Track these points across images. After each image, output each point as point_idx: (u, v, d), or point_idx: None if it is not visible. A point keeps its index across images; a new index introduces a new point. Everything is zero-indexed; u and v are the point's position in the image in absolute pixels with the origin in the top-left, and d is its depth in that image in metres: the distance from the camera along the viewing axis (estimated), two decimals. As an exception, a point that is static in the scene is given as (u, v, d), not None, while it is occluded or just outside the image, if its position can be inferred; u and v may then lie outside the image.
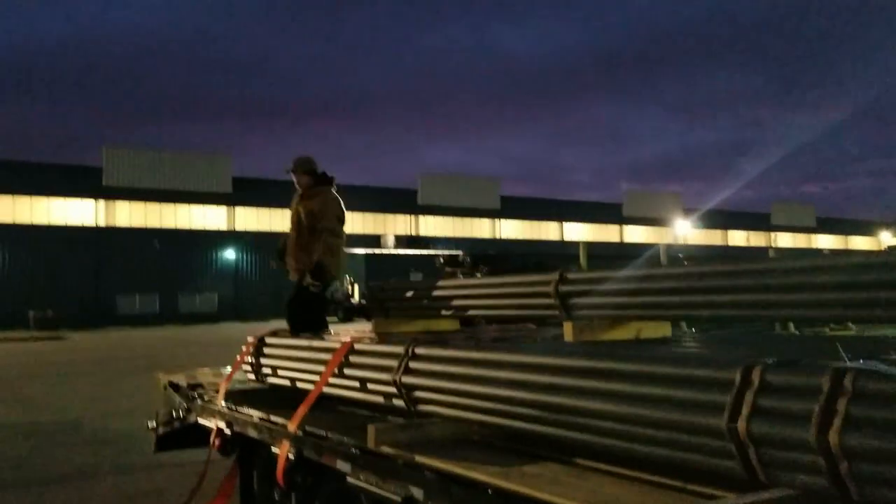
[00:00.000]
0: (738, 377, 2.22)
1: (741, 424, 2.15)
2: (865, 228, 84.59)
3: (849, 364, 2.05)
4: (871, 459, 1.88)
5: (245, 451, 5.11)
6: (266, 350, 5.34)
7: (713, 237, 76.15)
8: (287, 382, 4.97)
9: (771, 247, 76.66)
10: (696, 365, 2.42)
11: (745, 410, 2.16)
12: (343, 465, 3.63)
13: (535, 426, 2.96)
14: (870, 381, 1.93)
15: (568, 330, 3.94)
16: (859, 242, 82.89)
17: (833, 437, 1.93)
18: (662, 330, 4.14)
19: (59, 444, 9.45)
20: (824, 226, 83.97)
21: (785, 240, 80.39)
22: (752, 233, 79.20)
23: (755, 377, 2.18)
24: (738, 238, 78.40)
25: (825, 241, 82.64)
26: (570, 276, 4.08)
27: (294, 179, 6.88)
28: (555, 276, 4.13)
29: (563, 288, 4.04)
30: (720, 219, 75.81)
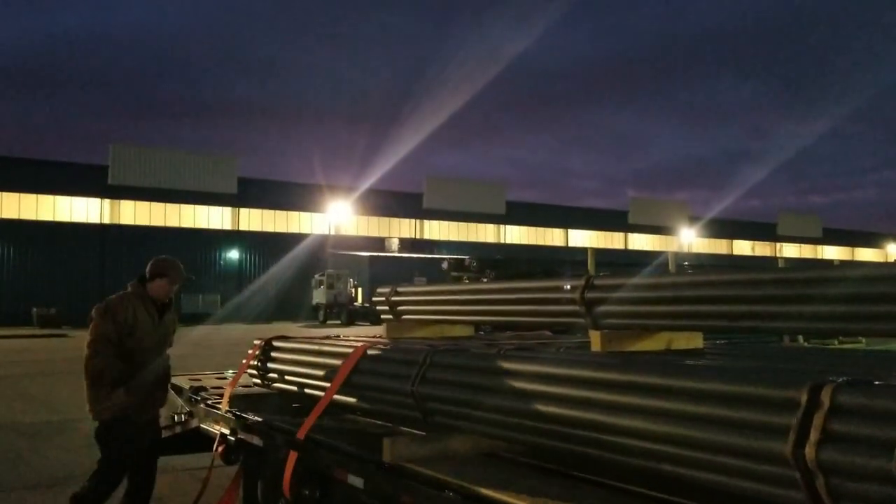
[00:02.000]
0: (804, 397, 2.00)
1: (809, 450, 1.93)
2: (872, 240, 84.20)
3: (936, 386, 1.83)
4: (968, 496, 1.66)
5: (250, 459, 4.89)
6: (273, 354, 5.13)
7: (718, 246, 75.85)
8: (295, 388, 4.76)
9: (779, 257, 76.32)
10: (755, 382, 2.20)
11: (813, 435, 1.94)
12: (355, 480, 3.41)
13: (567, 444, 2.74)
14: (965, 407, 1.71)
15: (595, 339, 3.71)
16: (866, 254, 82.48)
17: (922, 468, 1.71)
18: (694, 341, 3.92)
19: (56, 445, 9.25)
20: (831, 237, 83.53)
21: (791, 250, 80.00)
22: (757, 243, 78.83)
23: (825, 398, 1.96)
24: (743, 247, 78.05)
25: (831, 253, 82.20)
26: (598, 281, 3.86)
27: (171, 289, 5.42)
28: (581, 281, 3.91)
29: (590, 294, 3.81)
30: (726, 228, 75.50)
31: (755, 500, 2.15)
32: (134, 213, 53.08)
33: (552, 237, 68.50)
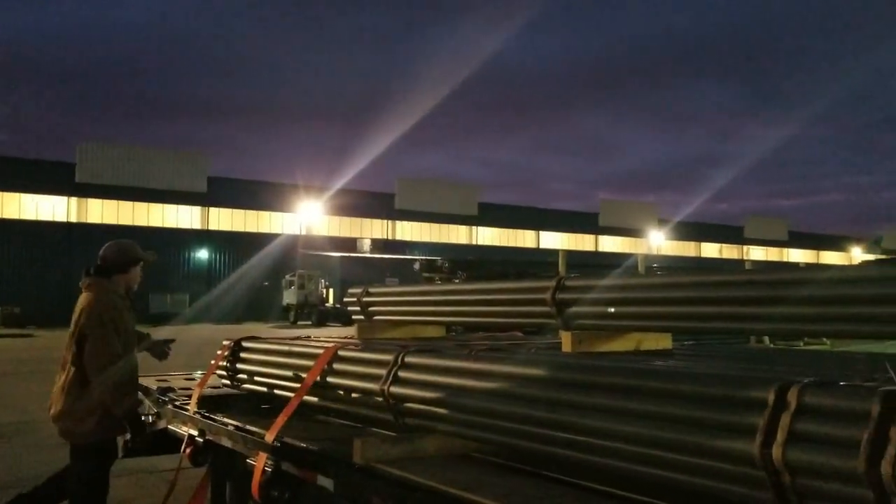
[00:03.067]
0: (771, 397, 2.02)
1: (776, 450, 1.95)
2: (837, 243, 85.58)
3: (899, 386, 1.86)
4: (930, 495, 1.68)
5: (218, 461, 4.84)
6: (243, 354, 5.07)
7: (686, 249, 76.64)
8: (265, 389, 4.72)
9: (746, 260, 77.27)
10: (722, 382, 2.22)
11: (780, 435, 1.96)
12: (325, 481, 3.39)
13: (539, 445, 2.75)
14: (928, 407, 1.74)
15: (566, 340, 3.73)
16: (831, 257, 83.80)
17: (886, 467, 1.73)
18: (663, 342, 3.95)
19: (18, 446, 9.08)
20: (797, 240, 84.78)
21: (757, 253, 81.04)
22: (725, 245, 79.75)
23: (792, 398, 1.99)
24: (711, 250, 78.92)
25: (797, 255, 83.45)
26: (569, 283, 3.87)
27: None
28: (552, 282, 3.92)
29: (561, 295, 3.83)
30: (694, 231, 76.36)
31: (723, 500, 2.17)
32: (101, 211, 52.37)
33: (524, 239, 68.77)
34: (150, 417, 5.67)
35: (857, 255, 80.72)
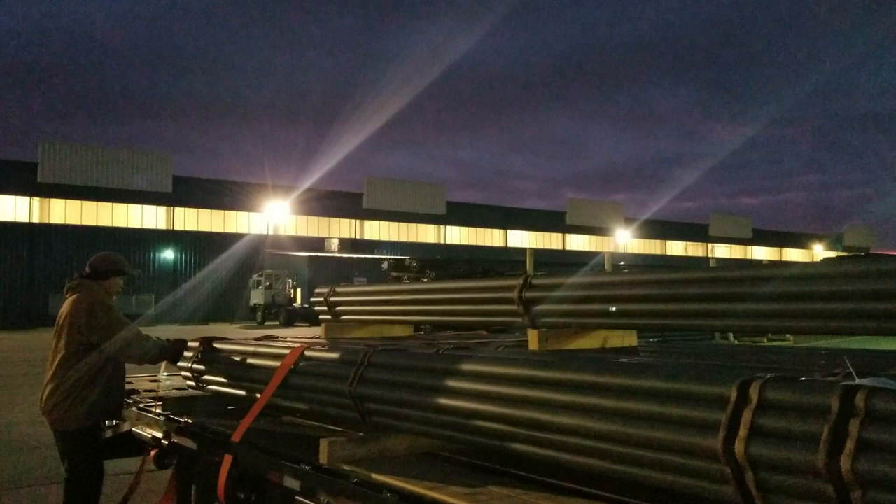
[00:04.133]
0: (733, 393, 2.05)
1: (738, 445, 1.98)
2: (800, 241, 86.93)
3: (858, 381, 1.89)
4: (887, 487, 1.71)
5: (184, 463, 4.78)
6: (208, 355, 5.02)
7: (652, 247, 77.32)
8: (231, 390, 4.67)
9: (710, 257, 78.20)
10: (686, 379, 2.24)
11: (742, 430, 1.98)
12: (292, 483, 3.36)
13: (505, 442, 2.75)
14: (885, 401, 1.77)
15: (533, 338, 3.74)
16: (794, 254, 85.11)
17: (845, 462, 1.76)
18: (629, 339, 3.98)
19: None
20: (760, 237, 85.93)
21: (722, 251, 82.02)
22: (690, 243, 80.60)
23: (753, 393, 2.01)
24: (676, 248, 79.72)
25: (761, 253, 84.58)
26: (535, 281, 3.88)
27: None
28: (519, 281, 3.93)
29: (528, 294, 3.84)
30: (659, 229, 77.04)
31: (688, 495, 2.19)
32: (64, 212, 51.44)
33: (492, 237, 68.86)
34: (114, 420, 5.58)
35: (819, 252, 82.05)
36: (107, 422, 5.61)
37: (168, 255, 54.03)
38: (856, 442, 1.76)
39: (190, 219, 55.75)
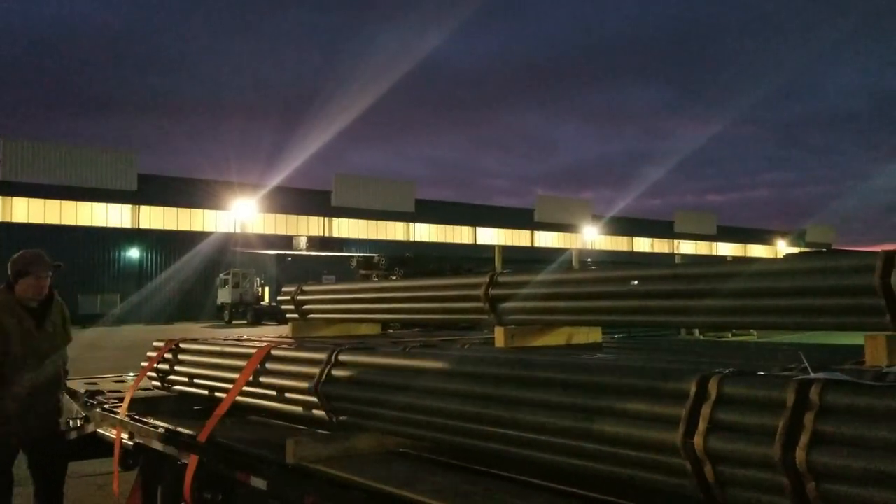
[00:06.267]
0: (693, 388, 2.09)
1: (697, 440, 2.02)
2: (763, 237, 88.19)
3: (813, 375, 1.94)
4: (841, 479, 1.76)
5: (149, 464, 4.74)
6: (174, 356, 4.98)
7: (619, 243, 77.98)
8: (197, 391, 4.64)
9: (676, 253, 79.07)
10: (647, 374, 2.28)
11: (701, 424, 2.02)
12: (258, 482, 3.36)
13: (470, 439, 2.78)
14: (838, 395, 1.82)
15: (499, 335, 3.78)
16: (758, 250, 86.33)
17: (799, 454, 1.81)
18: (594, 336, 4.03)
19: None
20: (725, 234, 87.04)
21: (687, 247, 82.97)
22: (656, 240, 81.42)
23: (712, 388, 2.05)
24: (643, 244, 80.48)
25: (725, 249, 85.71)
26: (501, 279, 3.92)
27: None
28: (485, 278, 3.96)
29: (494, 291, 3.87)
30: (626, 226, 77.71)
31: (650, 489, 2.23)
32: (27, 210, 50.55)
33: (461, 235, 68.98)
34: (78, 421, 5.52)
35: (783, 248, 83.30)
36: (70, 423, 5.54)
37: (133, 253, 53.35)
38: (810, 435, 1.80)
39: (155, 217, 55.10)
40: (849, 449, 1.74)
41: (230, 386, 4.10)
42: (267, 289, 48.18)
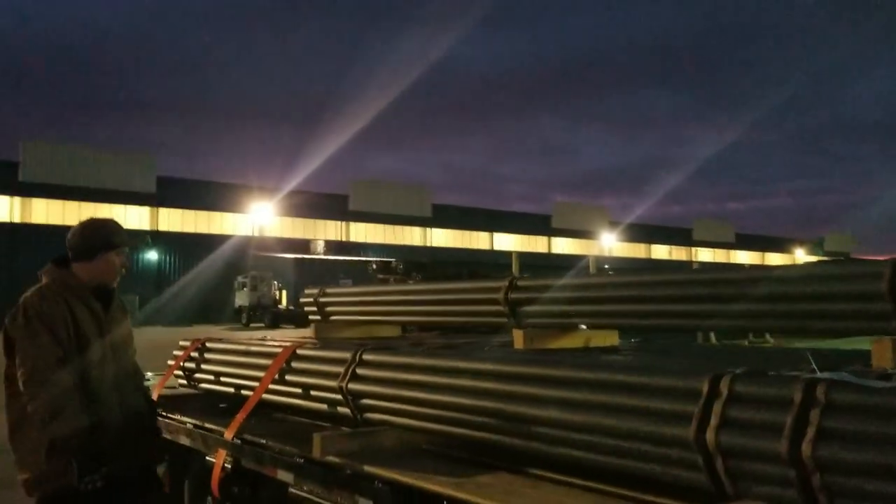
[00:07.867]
0: (705, 387, 2.19)
1: (710, 435, 2.12)
2: (782, 245, 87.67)
3: (820, 375, 2.04)
4: (844, 472, 1.86)
5: (176, 459, 4.87)
6: (200, 355, 5.12)
7: (637, 250, 77.75)
8: (223, 388, 4.78)
9: (694, 261, 78.71)
10: (662, 374, 2.39)
11: (713, 421, 2.13)
12: (285, 475, 3.48)
13: (490, 435, 2.89)
14: (843, 393, 1.92)
15: (518, 337, 3.88)
16: (775, 258, 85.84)
17: (806, 448, 1.91)
18: (611, 339, 4.13)
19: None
20: (743, 242, 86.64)
21: (705, 255, 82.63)
22: (674, 247, 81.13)
23: (724, 387, 2.16)
24: (660, 252, 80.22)
25: (743, 257, 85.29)
26: (521, 283, 4.03)
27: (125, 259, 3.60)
28: (504, 282, 4.07)
29: (513, 295, 3.98)
30: (644, 232, 77.50)
31: (663, 482, 2.33)
32: (46, 212, 51.09)
33: (478, 240, 69.00)
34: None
35: (801, 256, 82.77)
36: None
37: (152, 256, 53.79)
38: (816, 430, 1.91)
39: (174, 220, 55.54)
40: (852, 444, 1.85)
41: (256, 384, 4.23)
42: (284, 292, 48.41)
